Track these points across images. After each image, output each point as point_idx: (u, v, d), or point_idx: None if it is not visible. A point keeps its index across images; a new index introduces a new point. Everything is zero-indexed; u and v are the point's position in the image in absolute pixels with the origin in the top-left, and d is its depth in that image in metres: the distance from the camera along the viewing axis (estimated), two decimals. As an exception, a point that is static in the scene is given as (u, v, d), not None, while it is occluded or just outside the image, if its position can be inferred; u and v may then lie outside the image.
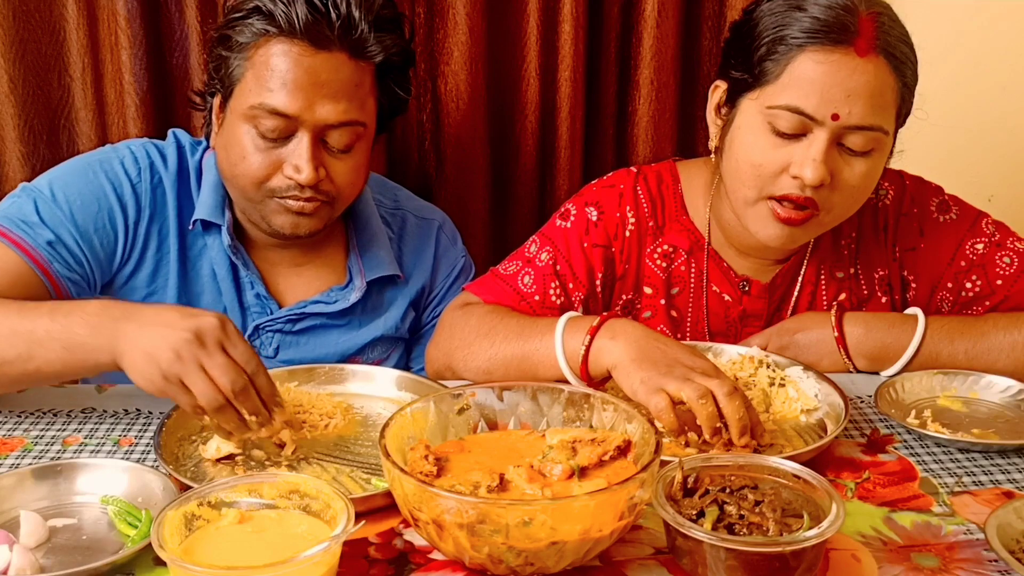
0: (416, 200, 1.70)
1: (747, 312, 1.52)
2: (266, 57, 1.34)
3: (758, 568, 0.88)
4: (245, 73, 1.36)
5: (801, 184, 1.30)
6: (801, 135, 1.30)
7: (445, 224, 1.68)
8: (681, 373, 1.17)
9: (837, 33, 1.27)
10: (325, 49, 1.34)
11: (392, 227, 1.61)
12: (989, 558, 0.98)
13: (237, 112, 1.37)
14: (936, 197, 1.52)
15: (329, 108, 1.34)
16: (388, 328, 1.58)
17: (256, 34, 1.35)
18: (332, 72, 1.34)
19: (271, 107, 1.33)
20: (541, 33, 1.86)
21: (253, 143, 1.36)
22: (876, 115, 1.29)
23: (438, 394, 1.10)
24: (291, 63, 1.33)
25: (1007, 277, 1.46)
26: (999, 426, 1.27)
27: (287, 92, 1.33)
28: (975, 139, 2.18)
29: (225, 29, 1.38)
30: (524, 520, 0.86)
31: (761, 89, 1.32)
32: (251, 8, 1.35)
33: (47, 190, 1.39)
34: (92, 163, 1.44)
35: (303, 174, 1.35)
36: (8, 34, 1.73)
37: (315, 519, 0.94)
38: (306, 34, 1.33)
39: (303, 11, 1.32)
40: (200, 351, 1.09)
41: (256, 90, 1.35)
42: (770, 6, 1.33)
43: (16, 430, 1.23)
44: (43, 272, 1.34)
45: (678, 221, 1.53)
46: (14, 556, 0.93)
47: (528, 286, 1.49)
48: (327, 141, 1.38)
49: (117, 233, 1.43)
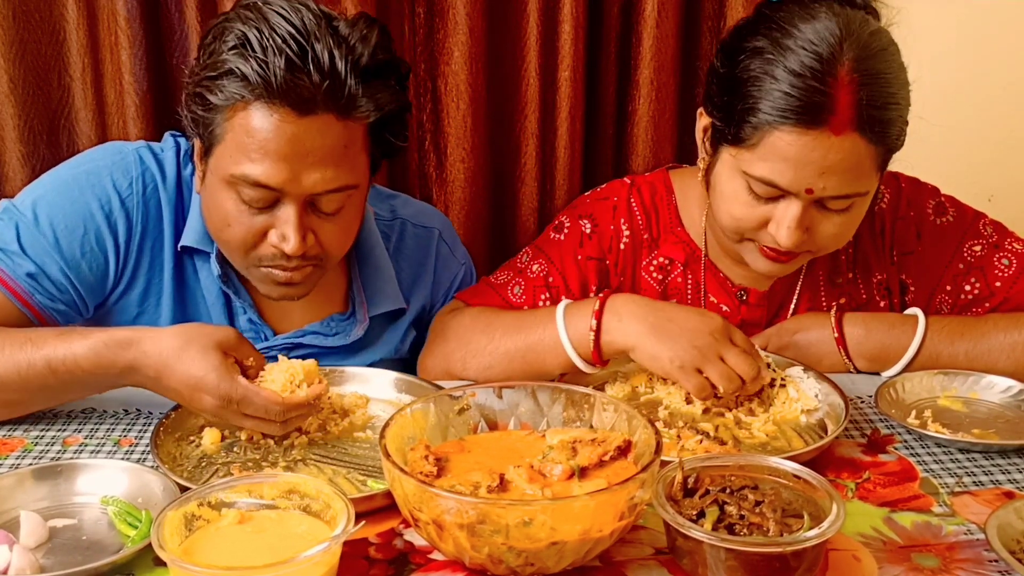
0: (413, 205, 1.62)
1: (745, 321, 1.51)
2: (245, 123, 1.19)
3: (758, 568, 0.88)
4: (225, 136, 1.22)
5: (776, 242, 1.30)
6: (779, 197, 1.29)
7: (445, 231, 1.61)
8: (709, 347, 1.22)
9: (809, 115, 1.21)
10: (309, 113, 1.19)
11: (390, 238, 1.53)
12: (989, 558, 0.98)
13: (218, 175, 1.24)
14: (932, 199, 1.52)
15: (316, 177, 1.21)
16: (388, 352, 1.52)
17: (231, 97, 1.19)
18: (318, 138, 1.20)
19: (253, 179, 1.20)
20: (541, 33, 1.86)
21: (236, 209, 1.24)
22: (852, 184, 1.26)
23: (438, 394, 1.10)
24: (272, 131, 1.18)
25: (1006, 279, 1.46)
26: (999, 426, 1.27)
27: (269, 163, 1.19)
28: (975, 139, 2.18)
29: (198, 87, 1.22)
30: (524, 520, 0.86)
31: (738, 149, 1.29)
32: (224, 70, 1.19)
33: (30, 213, 1.30)
34: (79, 177, 1.34)
35: (289, 244, 1.24)
36: (8, 34, 1.73)
37: (315, 519, 0.94)
38: (286, 97, 1.17)
39: (280, 71, 1.16)
40: (233, 415, 1.16)
41: (236, 158, 1.21)
42: (750, 64, 1.26)
43: (16, 430, 1.23)
44: (23, 304, 1.29)
45: (673, 233, 1.53)
46: (14, 556, 0.93)
47: (518, 296, 1.49)
48: (316, 204, 1.26)
49: (107, 255, 1.34)
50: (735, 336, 1.25)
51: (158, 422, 1.20)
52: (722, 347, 1.23)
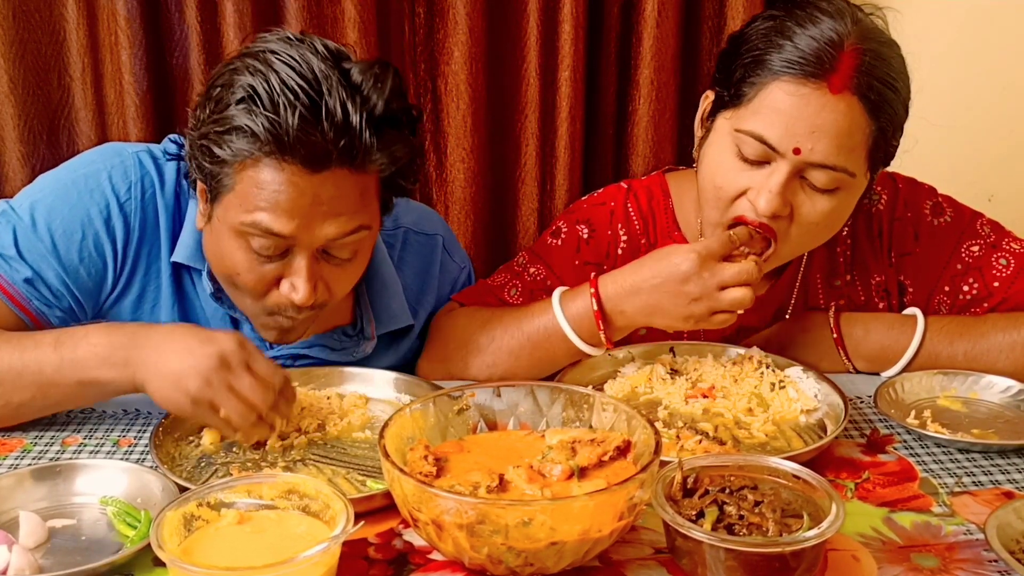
0: (414, 211, 1.57)
1: (744, 326, 1.51)
2: (255, 177, 1.15)
3: (758, 568, 0.88)
4: (235, 187, 1.18)
5: (756, 211, 1.29)
6: (764, 163, 1.29)
7: (446, 239, 1.58)
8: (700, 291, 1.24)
9: (812, 66, 1.24)
10: (323, 169, 1.15)
11: (394, 247, 1.50)
12: (989, 558, 0.98)
13: (226, 223, 1.20)
14: (930, 200, 1.51)
15: (330, 226, 1.18)
16: (396, 362, 1.49)
17: (240, 154, 1.15)
18: (332, 191, 1.16)
19: (264, 227, 1.17)
20: (541, 33, 1.86)
21: (246, 259, 1.21)
22: (840, 155, 1.26)
23: (437, 394, 1.10)
24: (283, 186, 1.15)
25: (1004, 279, 1.45)
26: (999, 426, 1.27)
27: (280, 214, 1.16)
28: (975, 139, 2.18)
29: (204, 140, 1.18)
30: (524, 520, 0.86)
31: (734, 110, 1.31)
32: (232, 126, 1.14)
33: (27, 217, 1.28)
34: (77, 180, 1.31)
35: (299, 294, 1.21)
36: (8, 34, 1.73)
37: (314, 519, 0.94)
38: (298, 154, 1.13)
39: (292, 127, 1.11)
40: (228, 374, 1.11)
41: (245, 207, 1.17)
42: (760, 26, 1.31)
43: (16, 430, 1.23)
44: (20, 310, 1.27)
45: (670, 237, 1.52)
46: (13, 556, 0.92)
47: (514, 298, 1.49)
48: (328, 251, 1.22)
49: (106, 260, 1.31)
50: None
51: (157, 422, 1.19)
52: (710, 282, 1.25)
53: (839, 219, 1.35)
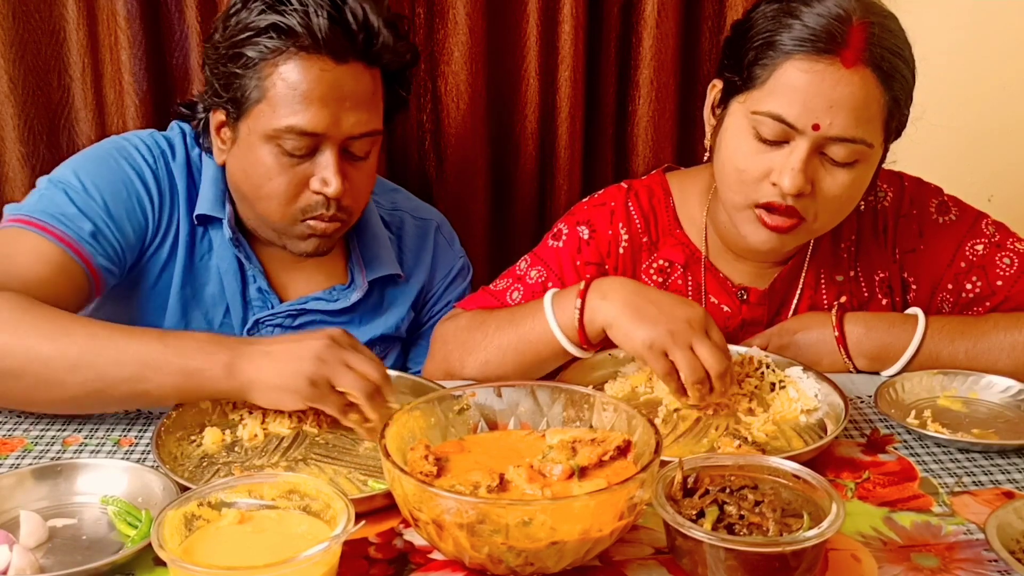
0: (414, 201, 1.70)
1: (747, 321, 1.51)
2: (286, 76, 1.31)
3: (758, 568, 0.88)
4: (264, 94, 1.33)
5: (781, 192, 1.30)
6: (783, 142, 1.30)
7: (443, 225, 1.69)
8: (681, 333, 1.21)
9: (824, 43, 1.26)
10: (345, 61, 1.32)
11: (391, 228, 1.62)
12: (989, 558, 0.98)
13: (257, 133, 1.35)
14: (935, 198, 1.52)
15: (354, 120, 1.34)
16: (389, 328, 1.59)
17: (272, 51, 1.31)
18: (353, 84, 1.34)
19: (300, 128, 1.32)
20: (541, 33, 1.86)
21: (278, 163, 1.35)
22: (859, 127, 1.28)
23: (438, 394, 1.10)
24: (315, 80, 1.31)
25: (1007, 278, 1.46)
26: (999, 426, 1.27)
27: (315, 110, 1.31)
28: (975, 139, 2.18)
29: (236, 47, 1.33)
30: (524, 520, 0.86)
31: (748, 93, 1.32)
32: (266, 25, 1.31)
33: (76, 181, 1.37)
34: (110, 151, 1.43)
35: (331, 187, 1.35)
36: (8, 34, 1.73)
37: (315, 519, 0.94)
38: (327, 47, 1.30)
39: (324, 24, 1.29)
40: (340, 351, 1.15)
41: (280, 112, 1.32)
42: (767, 9, 1.33)
43: (16, 430, 1.23)
44: (86, 264, 1.34)
45: (672, 235, 1.53)
46: (14, 556, 0.92)
47: (516, 301, 1.50)
48: (349, 150, 1.37)
49: (147, 217, 1.42)
50: (712, 331, 1.24)
51: (159, 422, 1.19)
52: (694, 336, 1.21)
53: (859, 191, 1.36)
